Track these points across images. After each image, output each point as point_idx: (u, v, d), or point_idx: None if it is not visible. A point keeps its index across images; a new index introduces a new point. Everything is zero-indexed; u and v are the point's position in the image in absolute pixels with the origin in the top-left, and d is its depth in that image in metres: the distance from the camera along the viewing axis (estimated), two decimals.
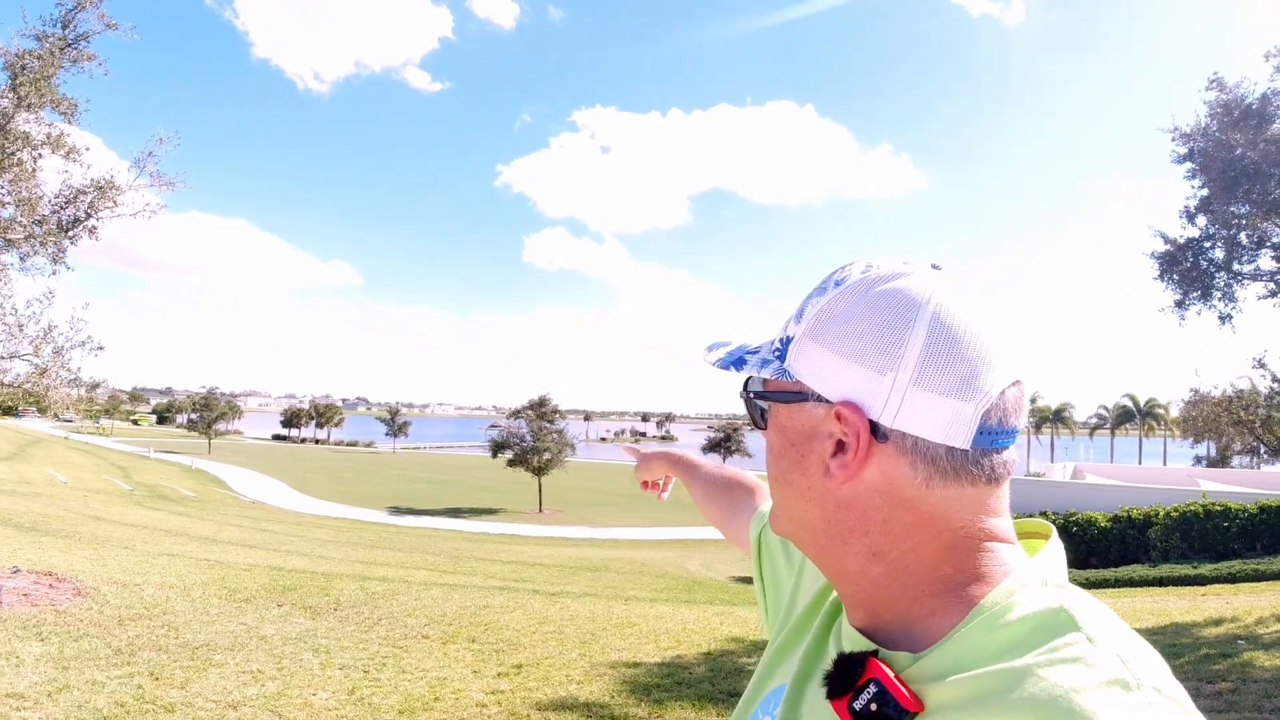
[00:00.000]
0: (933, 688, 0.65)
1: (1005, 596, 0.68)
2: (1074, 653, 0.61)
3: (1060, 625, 0.64)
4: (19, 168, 8.68)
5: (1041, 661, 0.61)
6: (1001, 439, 0.70)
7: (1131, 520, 24.56)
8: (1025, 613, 0.66)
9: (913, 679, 0.67)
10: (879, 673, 0.67)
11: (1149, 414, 78.95)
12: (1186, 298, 13.46)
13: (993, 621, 0.66)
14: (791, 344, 0.76)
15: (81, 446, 63.56)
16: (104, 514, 24.03)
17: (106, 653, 6.43)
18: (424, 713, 5.50)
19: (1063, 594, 0.68)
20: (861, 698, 0.67)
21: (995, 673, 0.62)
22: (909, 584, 0.72)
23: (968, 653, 0.66)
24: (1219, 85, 12.40)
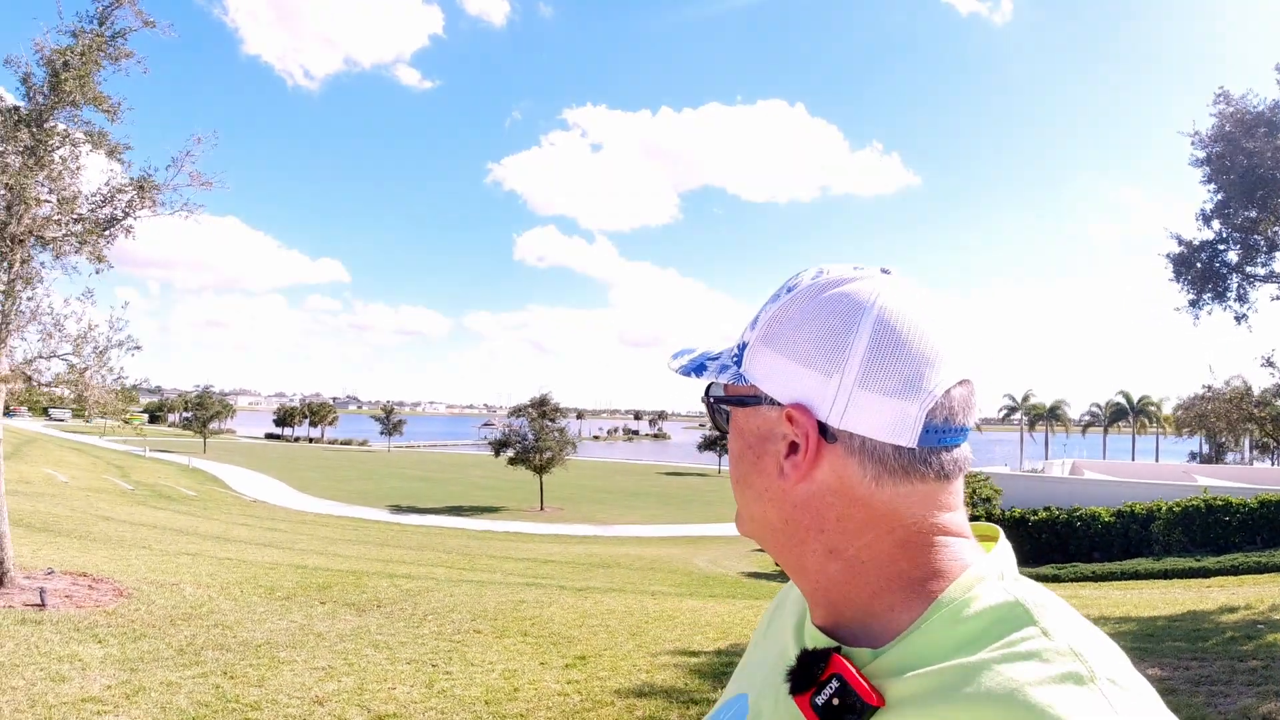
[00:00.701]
0: (893, 682, 0.67)
1: (963, 591, 0.69)
2: (1030, 647, 0.63)
3: (1017, 619, 0.66)
4: (62, 165, 8.67)
5: (998, 656, 0.63)
6: (949, 437, 0.72)
7: (1134, 515, 24.77)
8: (982, 607, 0.68)
9: (874, 674, 0.68)
10: (841, 668, 0.68)
11: (1142, 411, 79.38)
12: (1201, 298, 13.70)
13: (951, 616, 0.68)
14: (746, 349, 0.78)
15: (75, 445, 63.15)
16: (111, 513, 23.97)
17: (170, 653, 6.45)
18: (509, 702, 5.56)
19: (1019, 587, 0.69)
20: (824, 693, 0.68)
21: (953, 667, 0.64)
22: (867, 580, 0.73)
23: (927, 648, 0.67)
24: (1225, 99, 12.67)
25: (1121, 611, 11.28)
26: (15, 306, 8.69)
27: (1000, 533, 0.80)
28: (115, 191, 9.06)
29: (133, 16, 8.89)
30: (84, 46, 8.56)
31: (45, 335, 9.01)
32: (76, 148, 8.82)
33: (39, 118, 8.57)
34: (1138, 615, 10.86)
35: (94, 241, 8.97)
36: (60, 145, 8.75)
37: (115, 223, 9.12)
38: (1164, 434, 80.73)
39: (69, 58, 8.44)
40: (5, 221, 8.38)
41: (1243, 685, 6.42)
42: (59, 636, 6.64)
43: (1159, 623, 10.09)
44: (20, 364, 8.89)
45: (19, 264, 8.64)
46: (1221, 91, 12.66)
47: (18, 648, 6.18)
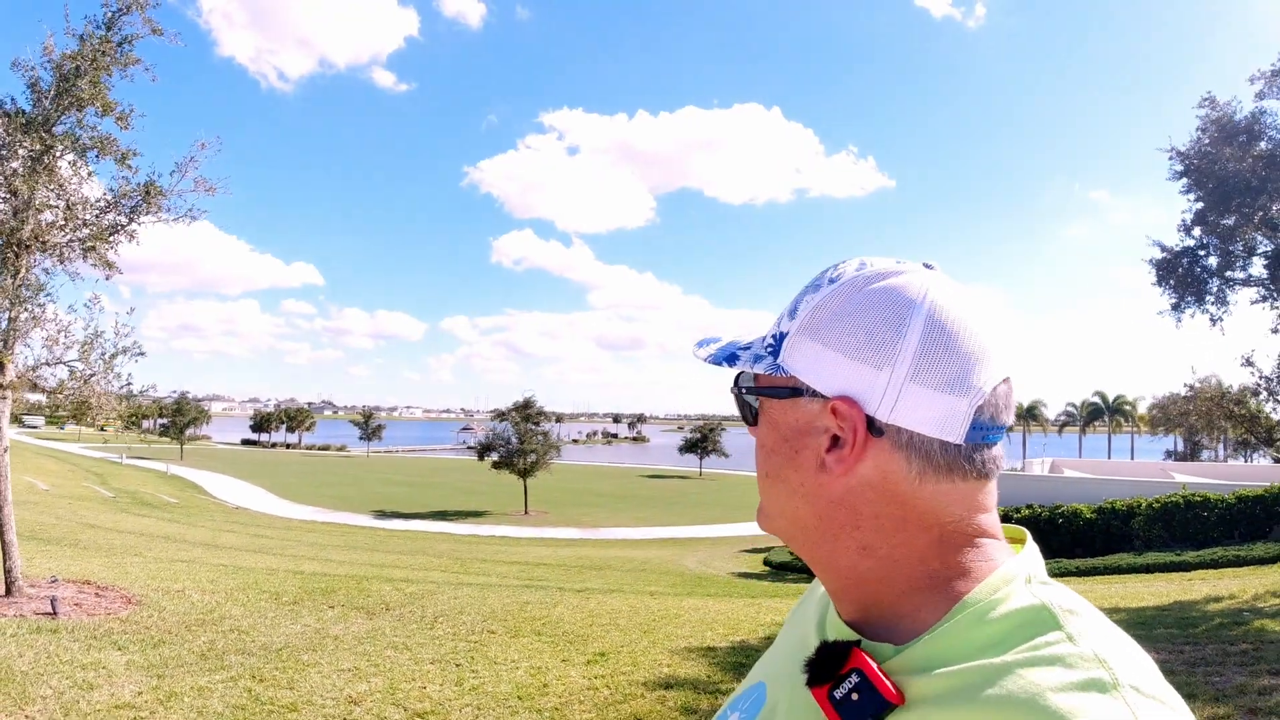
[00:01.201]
0: (914, 680, 0.66)
1: (990, 593, 0.69)
2: (1054, 652, 0.62)
3: (1042, 623, 0.65)
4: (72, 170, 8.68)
5: (1022, 660, 0.62)
6: (992, 434, 0.72)
7: (1115, 511, 25.15)
8: (1009, 610, 0.67)
9: (895, 671, 0.68)
10: (862, 663, 0.68)
11: (1117, 410, 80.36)
12: (1182, 302, 14.12)
13: (977, 617, 0.68)
14: (786, 340, 0.76)
15: (52, 453, 62.52)
16: (96, 521, 23.77)
17: (192, 658, 6.47)
18: (541, 697, 5.67)
19: (1047, 591, 0.69)
20: (843, 686, 0.68)
21: (975, 669, 0.64)
22: (898, 578, 0.73)
23: (950, 647, 0.67)
24: (1210, 104, 13.13)
25: (1110, 603, 11.51)
26: (21, 313, 8.69)
27: (1027, 535, 0.79)
28: (120, 197, 9.07)
29: (140, 23, 8.87)
30: (93, 52, 8.56)
31: (50, 342, 9.00)
32: (83, 154, 8.81)
33: (46, 123, 8.57)
34: (1126, 606, 11.10)
35: (99, 247, 8.97)
36: (67, 151, 8.75)
37: (120, 228, 9.12)
38: (1139, 433, 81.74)
39: (80, 63, 8.45)
40: (14, 227, 8.38)
41: (1235, 666, 6.66)
42: (78, 644, 6.62)
43: (1148, 612, 10.33)
44: (26, 370, 8.88)
45: (24, 270, 8.64)
46: (1208, 96, 13.08)
47: (38, 656, 6.17)
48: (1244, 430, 16.37)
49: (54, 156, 8.68)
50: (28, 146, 8.49)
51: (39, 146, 8.50)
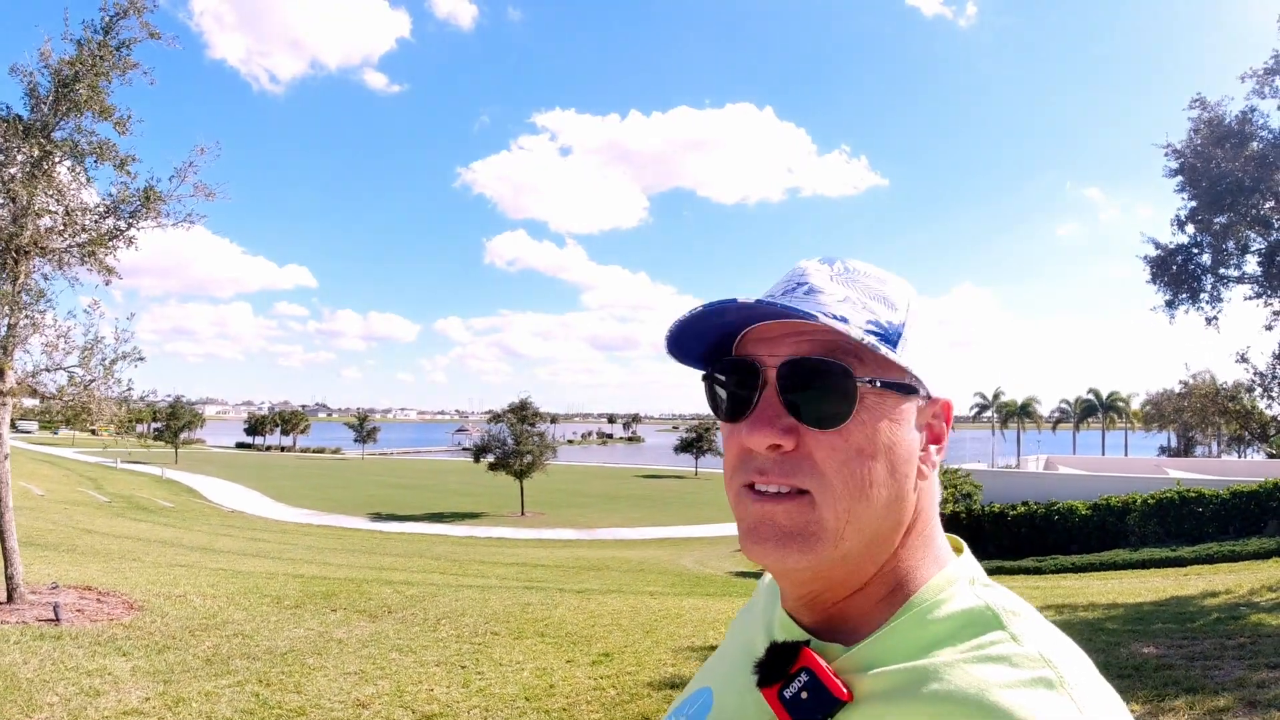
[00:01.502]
0: (862, 678, 0.67)
1: (934, 593, 0.71)
2: (999, 651, 0.64)
3: (986, 623, 0.67)
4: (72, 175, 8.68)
5: (966, 658, 0.64)
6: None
7: (1111, 508, 25.25)
8: (953, 610, 0.69)
9: (843, 670, 0.69)
10: (811, 662, 0.68)
11: (1111, 407, 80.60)
12: (1176, 299, 14.21)
13: (920, 617, 0.69)
14: (905, 330, 0.74)
15: (46, 458, 62.28)
16: (91, 526, 23.74)
17: (198, 663, 6.48)
18: (548, 698, 5.70)
19: (989, 593, 0.71)
20: (792, 686, 0.68)
21: (920, 666, 0.64)
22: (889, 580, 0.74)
23: (897, 646, 0.68)
24: (1201, 104, 13.24)
25: (1108, 599, 11.58)
26: (21, 319, 8.69)
27: (964, 545, 0.80)
28: (119, 202, 9.07)
29: (137, 27, 8.86)
30: (91, 57, 8.55)
31: (50, 348, 9.00)
32: (82, 160, 8.81)
33: (44, 128, 8.57)
34: (1124, 602, 11.16)
35: (99, 253, 8.97)
36: (66, 157, 8.75)
37: (119, 234, 9.12)
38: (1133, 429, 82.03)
39: (79, 68, 8.44)
40: (14, 233, 8.38)
41: (1233, 660, 6.72)
42: (82, 651, 6.62)
43: (1145, 608, 10.40)
44: (25, 376, 8.88)
45: (24, 276, 8.64)
46: (1198, 97, 13.20)
47: (43, 663, 6.16)
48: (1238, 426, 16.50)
49: (53, 162, 8.68)
50: (26, 152, 8.49)
51: (38, 152, 8.50)
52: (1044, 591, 13.49)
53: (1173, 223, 14.10)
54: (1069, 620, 9.42)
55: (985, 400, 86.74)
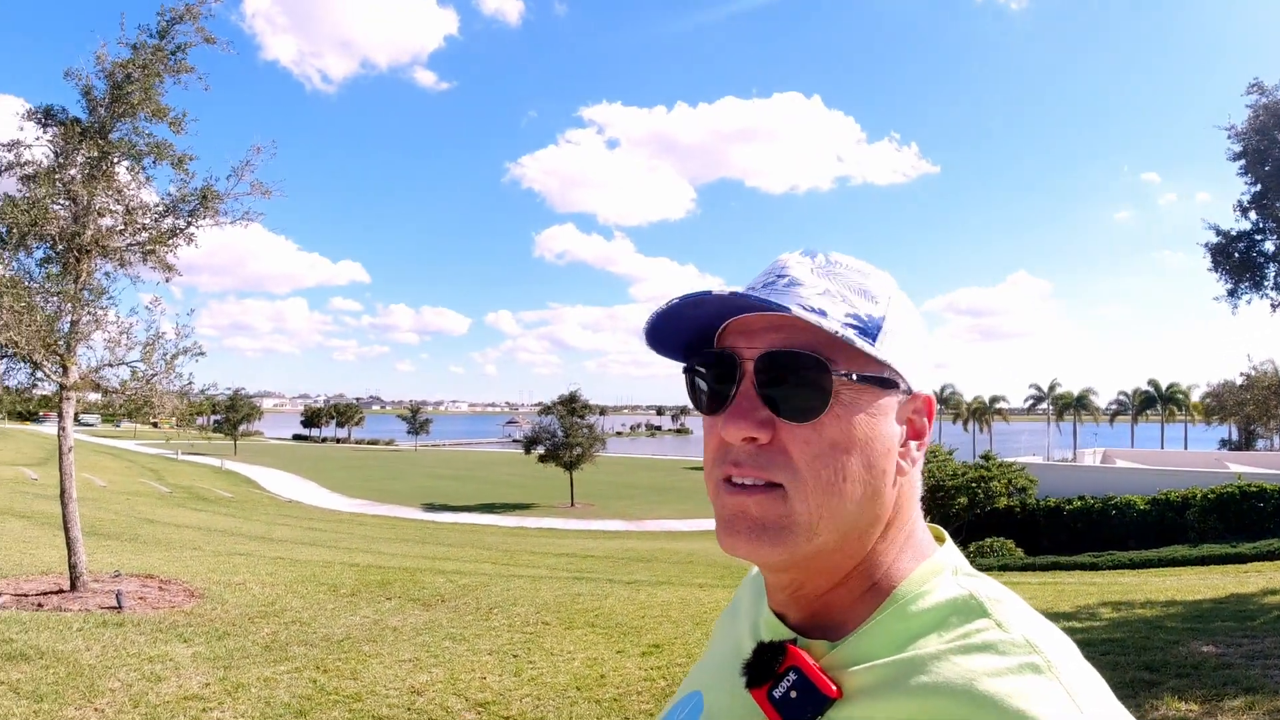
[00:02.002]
0: (850, 674, 0.67)
1: (918, 585, 0.70)
2: (985, 639, 0.64)
3: (970, 611, 0.67)
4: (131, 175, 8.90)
5: (953, 648, 0.63)
6: None
7: (1170, 502, 24.77)
8: (936, 601, 0.69)
9: (831, 666, 0.69)
10: (799, 660, 0.68)
11: (1170, 399, 78.72)
12: (1239, 287, 13.84)
13: (903, 609, 0.69)
14: (886, 325, 0.73)
15: (108, 450, 63.94)
16: (153, 516, 24.29)
17: (257, 650, 6.62)
18: (599, 688, 5.75)
19: (973, 582, 0.70)
20: (781, 685, 0.68)
21: (907, 659, 0.64)
22: (872, 575, 0.74)
23: (881, 640, 0.68)
24: (1259, 89, 12.85)
25: (1166, 596, 11.37)
26: (83, 316, 8.93)
27: (946, 535, 0.80)
28: (178, 201, 9.27)
29: (193, 32, 9.05)
30: (145, 60, 8.74)
31: (112, 343, 9.23)
32: (140, 160, 9.02)
33: (101, 130, 8.79)
34: (1183, 599, 10.95)
35: (159, 250, 9.19)
36: (124, 157, 8.97)
37: (178, 232, 9.33)
38: (1192, 422, 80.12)
39: (132, 71, 8.64)
40: (75, 232, 8.62)
41: None
42: (144, 637, 6.78)
43: (1205, 605, 10.20)
44: (89, 371, 9.12)
45: (86, 274, 8.88)
46: (1255, 82, 12.85)
47: (105, 650, 6.31)
48: None
49: (111, 163, 8.90)
50: (85, 153, 8.72)
51: (96, 153, 8.73)
52: (1100, 588, 13.26)
53: (1235, 208, 13.74)
54: (1126, 618, 9.26)
55: (1040, 392, 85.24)
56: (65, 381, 8.70)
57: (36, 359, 8.50)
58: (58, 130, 8.65)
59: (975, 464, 28.74)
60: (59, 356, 8.67)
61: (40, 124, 8.71)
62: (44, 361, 8.59)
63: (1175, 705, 5.28)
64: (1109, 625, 8.66)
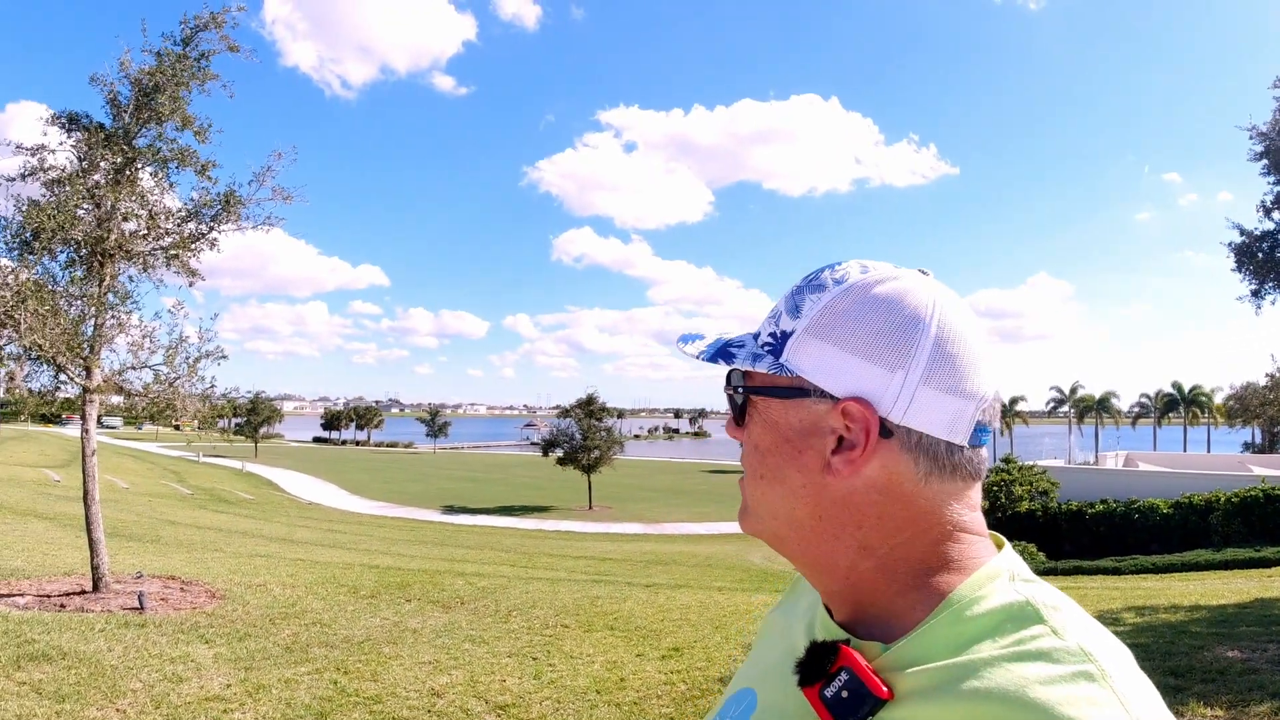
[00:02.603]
0: (902, 676, 0.67)
1: (973, 590, 0.70)
2: (1039, 646, 0.63)
3: (1026, 618, 0.66)
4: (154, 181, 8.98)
5: (1006, 654, 0.63)
6: (985, 437, 0.75)
7: (1193, 506, 24.54)
8: (992, 606, 0.69)
9: (883, 668, 0.69)
10: (851, 661, 0.69)
11: (1193, 402, 77.96)
12: (1263, 287, 13.70)
13: (959, 614, 0.69)
14: (791, 338, 0.76)
15: (131, 452, 64.54)
16: (174, 518, 24.50)
17: (278, 651, 6.65)
18: (619, 691, 5.75)
19: (1030, 588, 0.70)
20: (833, 685, 0.69)
21: (960, 663, 0.64)
22: (895, 577, 0.74)
23: (935, 643, 0.68)
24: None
25: (1190, 601, 11.27)
26: (107, 319, 9.01)
27: (1005, 541, 0.80)
28: (201, 206, 9.34)
29: (216, 40, 9.11)
30: (171, 68, 8.81)
31: (135, 347, 9.31)
32: (164, 166, 9.10)
33: (126, 136, 8.87)
34: (1207, 604, 10.85)
35: (182, 255, 9.27)
36: (148, 163, 9.04)
37: (201, 237, 9.40)
38: (1215, 425, 79.31)
39: (159, 78, 8.71)
40: (100, 237, 8.69)
41: None
42: (165, 638, 6.81)
43: (1229, 610, 10.10)
44: (112, 374, 9.20)
45: (110, 278, 8.95)
46: (1279, 79, 12.67)
47: (127, 650, 6.34)
48: None
49: (135, 169, 8.98)
50: (109, 159, 8.80)
51: (120, 159, 8.81)
52: (1124, 593, 13.16)
53: (1258, 208, 13.59)
54: (1150, 622, 9.19)
55: (1061, 394, 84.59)
56: (89, 384, 8.77)
57: (60, 362, 8.58)
58: (81, 136, 8.73)
59: (996, 467, 28.55)
60: (83, 360, 8.75)
61: (65, 129, 8.80)
62: (68, 365, 8.67)
63: (1201, 711, 5.24)
64: (1133, 630, 8.59)
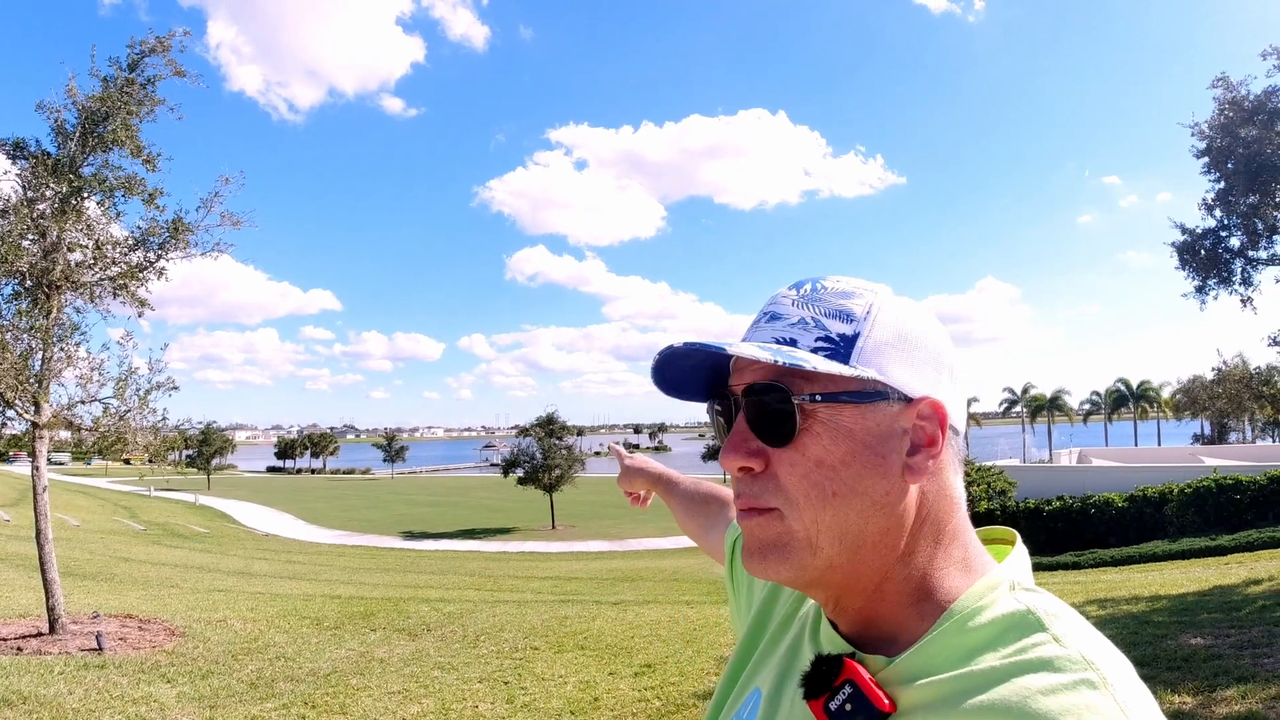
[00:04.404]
0: (905, 690, 0.67)
1: (975, 600, 0.70)
2: (1041, 655, 0.63)
3: (1028, 627, 0.66)
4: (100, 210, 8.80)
5: (1009, 664, 0.63)
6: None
7: (1148, 498, 24.96)
8: (994, 616, 0.68)
9: (887, 681, 0.69)
10: (855, 674, 0.69)
11: (1142, 397, 79.59)
12: (1206, 283, 14.02)
13: (961, 625, 0.68)
14: (860, 341, 0.74)
15: (80, 488, 62.93)
16: (129, 554, 23.95)
17: (242, 688, 6.52)
18: (593, 711, 5.69)
19: (1031, 597, 0.69)
20: (837, 698, 0.69)
21: (963, 675, 0.64)
22: (913, 587, 0.73)
23: (937, 656, 0.67)
24: (1224, 84, 13.06)
25: (1151, 591, 11.43)
26: (54, 353, 8.80)
27: (1017, 537, 0.81)
28: (147, 234, 9.17)
29: (163, 65, 8.97)
30: (119, 94, 8.64)
31: (84, 380, 9.10)
32: (110, 195, 8.91)
33: (72, 164, 8.69)
34: (1167, 593, 11.02)
35: (130, 285, 9.08)
36: (95, 191, 8.86)
37: (149, 266, 9.22)
38: (1165, 418, 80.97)
39: (107, 105, 8.54)
40: (45, 268, 8.50)
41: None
42: (126, 679, 6.65)
43: (1190, 598, 10.27)
44: (61, 409, 8.98)
45: (56, 310, 8.75)
46: (1221, 77, 13.06)
47: (88, 693, 6.18)
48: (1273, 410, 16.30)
49: (82, 197, 8.80)
50: (54, 188, 8.61)
51: (66, 188, 8.62)
52: (1085, 586, 13.33)
53: (1200, 205, 13.93)
54: (1114, 614, 9.31)
55: (1014, 395, 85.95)
56: (38, 420, 8.56)
57: (9, 398, 8.36)
58: (27, 164, 8.53)
59: None
60: (31, 395, 8.53)
61: (10, 157, 8.60)
62: (16, 400, 8.45)
63: (1169, 698, 5.31)
64: (1097, 623, 8.54)
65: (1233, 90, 12.95)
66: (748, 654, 0.95)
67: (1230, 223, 13.83)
